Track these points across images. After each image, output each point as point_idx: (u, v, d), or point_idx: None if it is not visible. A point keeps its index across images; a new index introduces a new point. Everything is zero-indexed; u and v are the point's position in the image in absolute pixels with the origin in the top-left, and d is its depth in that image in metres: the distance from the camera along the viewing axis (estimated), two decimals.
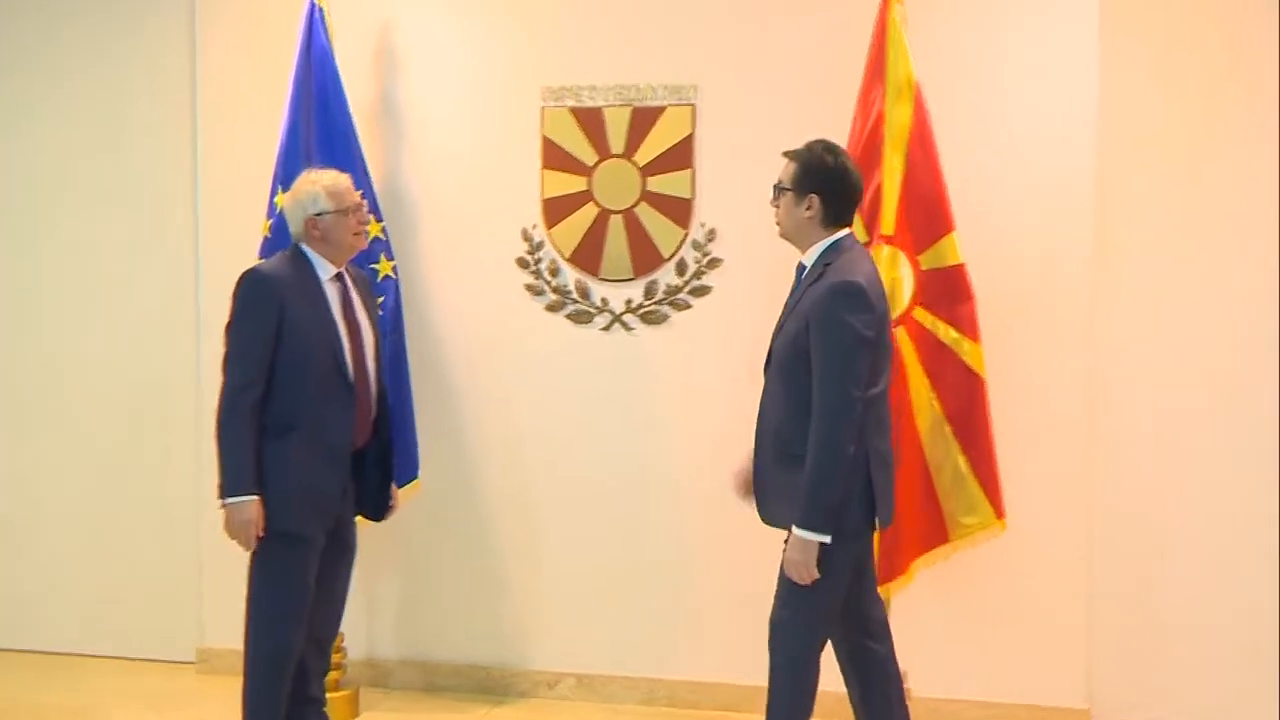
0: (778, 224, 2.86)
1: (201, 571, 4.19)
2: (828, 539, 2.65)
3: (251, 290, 3.00)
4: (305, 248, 3.10)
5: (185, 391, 4.19)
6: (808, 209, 2.78)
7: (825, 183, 2.78)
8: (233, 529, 2.97)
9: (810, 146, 2.82)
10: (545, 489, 3.96)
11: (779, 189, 2.83)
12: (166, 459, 4.23)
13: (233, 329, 3.00)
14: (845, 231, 2.82)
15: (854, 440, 2.64)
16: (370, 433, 3.20)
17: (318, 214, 3.06)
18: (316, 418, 3.01)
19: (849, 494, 2.69)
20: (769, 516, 2.85)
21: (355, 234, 3.14)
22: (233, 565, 3.15)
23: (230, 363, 2.99)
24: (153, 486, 4.26)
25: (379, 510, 3.27)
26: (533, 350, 3.94)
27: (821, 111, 3.43)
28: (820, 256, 2.78)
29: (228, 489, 2.96)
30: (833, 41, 3.59)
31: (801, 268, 2.84)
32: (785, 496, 2.74)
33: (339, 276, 3.12)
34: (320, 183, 3.09)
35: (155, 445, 4.26)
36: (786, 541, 2.73)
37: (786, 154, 2.86)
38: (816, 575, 2.68)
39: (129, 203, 4.26)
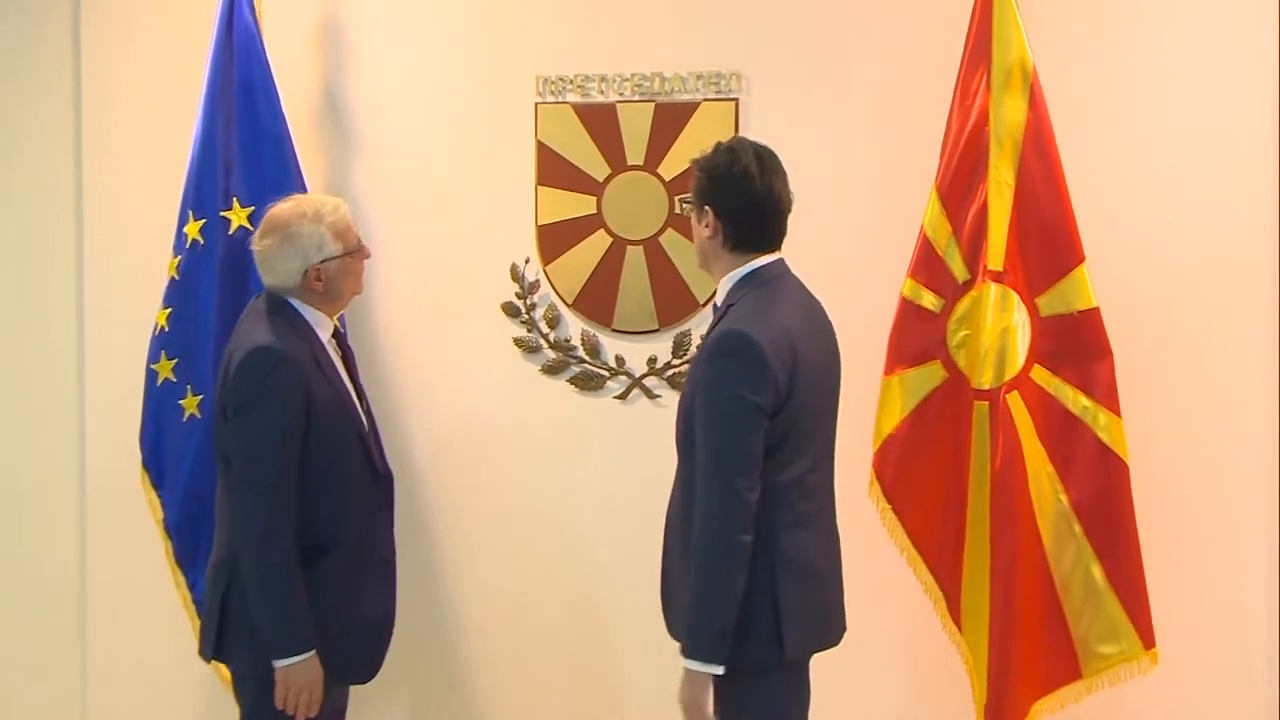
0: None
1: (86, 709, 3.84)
2: (719, 670, 2.40)
3: (272, 378, 2.66)
4: (293, 301, 2.82)
5: (65, 478, 3.86)
6: (706, 227, 2.55)
7: (717, 192, 2.53)
8: (293, 693, 2.68)
9: (716, 146, 2.60)
10: (546, 609, 3.57)
11: (682, 202, 2.69)
12: (41, 563, 3.87)
13: (251, 436, 2.67)
14: (768, 258, 2.56)
15: (742, 546, 2.39)
16: None
17: (323, 260, 2.80)
18: (358, 527, 2.79)
19: (751, 615, 2.42)
20: (673, 628, 2.59)
21: (359, 278, 2.94)
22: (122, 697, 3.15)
23: (256, 485, 2.65)
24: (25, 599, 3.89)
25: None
26: (525, 426, 3.60)
27: (904, 108, 3.25)
28: (731, 292, 2.55)
29: (283, 646, 2.67)
30: (920, 14, 3.32)
31: (716, 309, 2.62)
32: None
33: (336, 334, 2.90)
34: (323, 219, 2.83)
35: (30, 547, 3.92)
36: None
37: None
38: None
39: None
